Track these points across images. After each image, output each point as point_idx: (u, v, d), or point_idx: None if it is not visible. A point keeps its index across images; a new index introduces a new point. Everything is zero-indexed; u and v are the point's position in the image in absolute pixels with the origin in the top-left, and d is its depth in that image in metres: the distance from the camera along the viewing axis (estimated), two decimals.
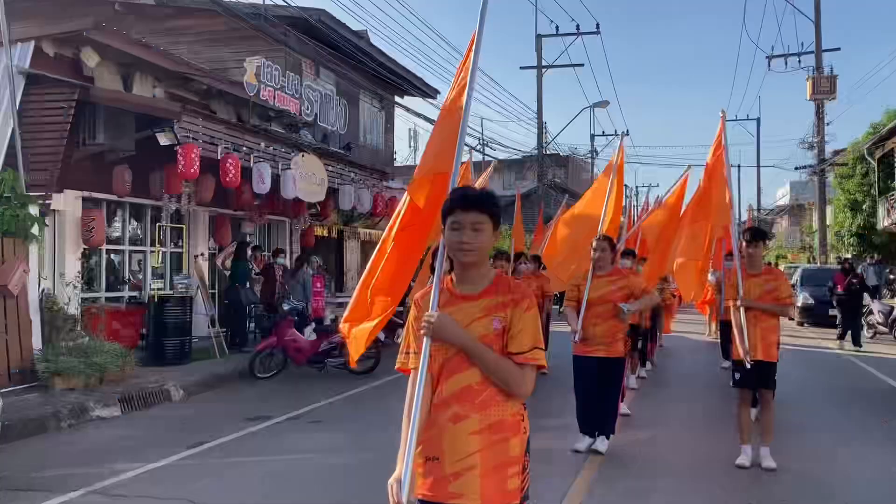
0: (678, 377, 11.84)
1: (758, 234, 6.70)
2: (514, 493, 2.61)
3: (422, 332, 2.66)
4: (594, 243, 7.02)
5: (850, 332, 15.95)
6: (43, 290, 10.65)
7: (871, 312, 18.67)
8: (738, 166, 61.43)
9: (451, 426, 2.60)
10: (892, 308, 17.73)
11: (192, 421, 8.50)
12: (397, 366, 2.83)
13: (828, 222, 31.79)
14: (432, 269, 7.47)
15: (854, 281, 15.95)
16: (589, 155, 44.56)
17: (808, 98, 29.19)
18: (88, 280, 12.62)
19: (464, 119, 3.24)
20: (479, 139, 31.02)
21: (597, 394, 6.89)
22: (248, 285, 14.10)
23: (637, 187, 62.19)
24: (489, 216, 2.67)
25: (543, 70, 30.96)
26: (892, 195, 25.10)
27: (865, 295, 19.45)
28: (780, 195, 62.78)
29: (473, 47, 3.35)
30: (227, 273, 14.07)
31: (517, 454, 2.63)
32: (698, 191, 8.79)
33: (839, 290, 16.09)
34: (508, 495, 2.60)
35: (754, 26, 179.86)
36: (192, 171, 11.46)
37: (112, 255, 13.75)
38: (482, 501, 2.56)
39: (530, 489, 2.73)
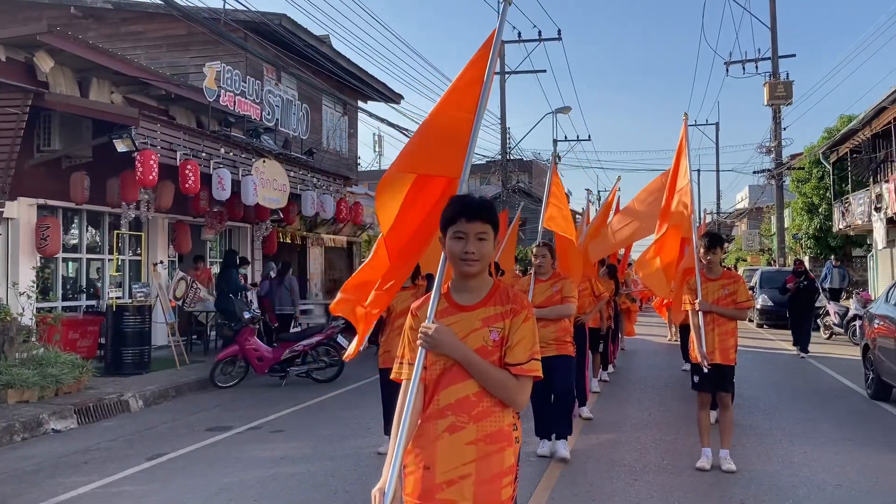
0: (639, 380, 11.94)
1: (716, 240, 6.79)
2: (506, 503, 2.60)
3: (418, 342, 2.62)
4: (534, 250, 7.15)
5: (799, 337, 15.39)
6: None
7: (827, 314, 19.06)
8: (698, 170, 62.40)
9: (446, 436, 2.58)
10: (848, 309, 18.09)
11: (151, 432, 8.36)
12: (392, 375, 2.79)
13: (786, 225, 32.39)
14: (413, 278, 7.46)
15: (804, 282, 15.35)
16: (552, 160, 44.80)
17: (766, 103, 29.72)
18: (44, 289, 12.35)
19: (476, 124, 3.17)
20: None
21: (549, 394, 6.93)
22: (239, 295, 13.93)
23: (599, 192, 62.69)
24: (492, 226, 2.66)
25: (506, 76, 31.09)
26: (847, 198, 25.66)
27: (822, 297, 19.85)
28: (739, 199, 63.88)
29: (491, 50, 3.25)
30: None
31: (511, 464, 2.62)
32: (664, 194, 8.85)
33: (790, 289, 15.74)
34: None
35: (713, 33, 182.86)
36: (151, 177, 11.29)
37: (69, 264, 13.49)
38: None
39: None
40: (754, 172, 35.76)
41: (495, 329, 2.61)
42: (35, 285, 11.45)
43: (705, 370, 6.39)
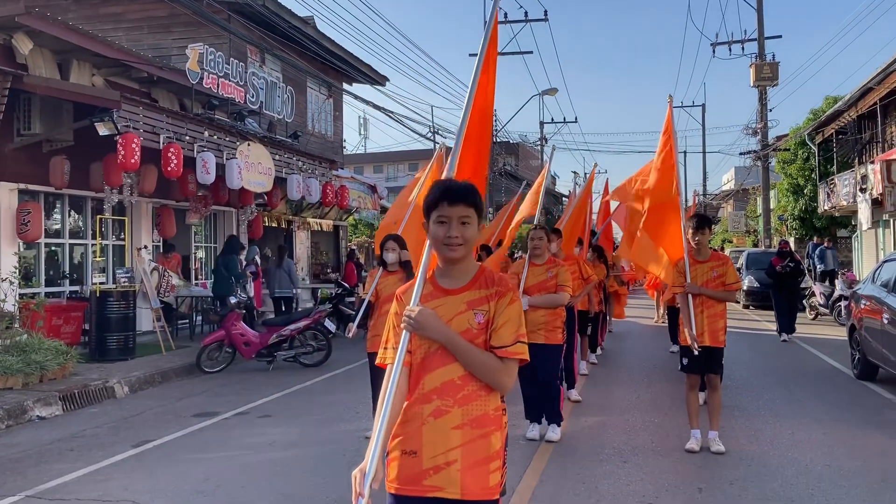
0: (628, 362, 11.97)
1: (704, 221, 6.77)
2: (494, 489, 2.57)
3: (402, 326, 2.60)
4: (530, 232, 7.10)
5: (784, 323, 14.75)
6: None
7: (812, 295, 19.18)
8: (685, 152, 62.62)
9: (432, 420, 2.54)
10: (833, 289, 18.20)
11: (137, 419, 8.29)
12: (378, 361, 2.76)
13: (771, 206, 32.52)
14: (381, 262, 7.40)
15: (789, 264, 15.00)
16: (538, 142, 44.76)
17: (752, 85, 29.74)
18: (26, 275, 12.20)
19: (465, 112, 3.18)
20: (429, 127, 30.92)
21: (539, 381, 6.92)
22: (238, 281, 13.84)
23: (585, 174, 62.75)
24: (475, 209, 2.63)
25: None
26: (832, 179, 25.75)
27: (808, 278, 19.96)
28: (726, 180, 64.11)
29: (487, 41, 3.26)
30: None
31: (498, 449, 2.59)
32: (651, 177, 8.82)
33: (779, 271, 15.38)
34: (489, 490, 2.55)
35: (699, 14, 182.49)
36: (133, 161, 11.13)
37: (52, 249, 13.33)
38: (463, 495, 2.51)
39: None
40: (740, 154, 35.92)
41: (480, 312, 2.59)
42: (17, 271, 11.30)
43: (695, 352, 6.39)
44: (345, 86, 23.32)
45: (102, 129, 11.00)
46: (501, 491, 2.62)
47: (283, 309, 15.91)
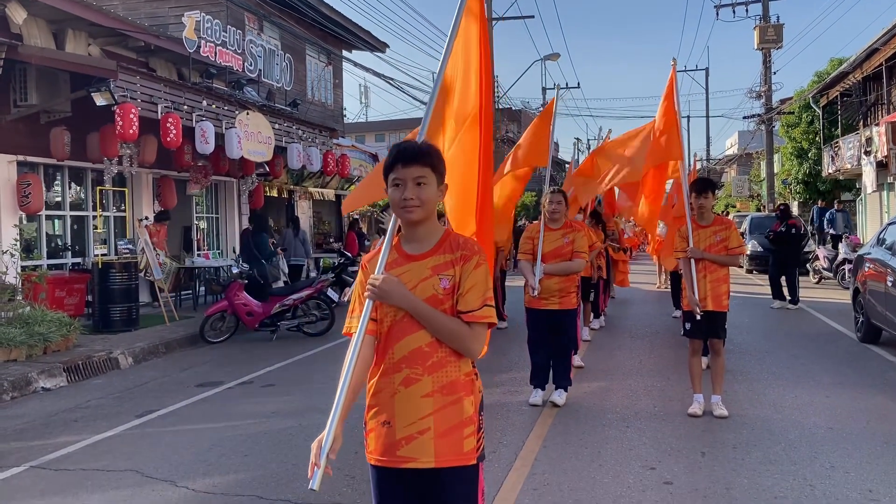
0: (630, 328, 11.96)
1: (707, 185, 6.70)
2: (469, 454, 2.55)
3: (366, 294, 2.56)
4: (548, 196, 6.99)
5: (787, 291, 14.08)
6: None
7: (816, 258, 19.13)
8: (688, 117, 62.19)
9: (402, 389, 2.53)
10: (837, 253, 18.14)
11: (141, 389, 8.32)
12: (344, 330, 2.72)
13: (775, 170, 32.33)
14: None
15: (792, 227, 14.25)
16: (541, 108, 44.45)
17: (756, 47, 29.42)
18: (28, 247, 12.19)
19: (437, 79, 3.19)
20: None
21: (550, 346, 6.92)
22: (270, 259, 13.85)
23: (588, 140, 62.47)
24: (432, 170, 2.56)
25: (493, 22, 30.57)
26: (836, 142, 25.56)
27: (811, 241, 19.88)
28: (729, 145, 63.72)
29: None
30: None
31: (471, 414, 2.56)
32: (648, 141, 8.75)
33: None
34: (464, 456, 2.54)
35: None
36: (131, 131, 11.05)
37: (53, 221, 13.30)
38: (437, 462, 2.50)
39: (486, 444, 2.67)
40: (744, 118, 35.55)
41: (445, 277, 2.55)
42: (18, 243, 11.28)
43: (698, 317, 6.36)
44: (344, 53, 23.08)
45: (100, 100, 10.91)
46: (480, 456, 2.61)
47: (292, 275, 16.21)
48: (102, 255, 11.77)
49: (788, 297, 14.06)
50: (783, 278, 14.15)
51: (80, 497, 4.91)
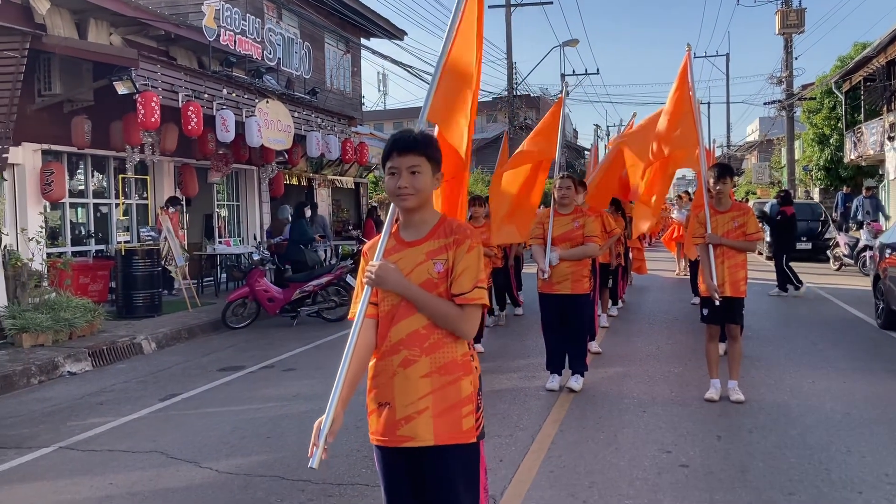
0: (648, 314, 11.97)
1: (725, 170, 6.69)
2: (469, 432, 2.63)
3: (364, 280, 2.68)
4: (558, 181, 7.03)
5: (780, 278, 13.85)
6: (5, 247, 10.43)
7: (836, 245, 18.98)
8: (708, 103, 61.62)
9: (401, 371, 2.61)
10: (858, 240, 17.98)
11: (164, 373, 8.47)
12: (349, 315, 2.82)
13: (796, 157, 32.02)
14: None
15: (783, 214, 14.09)
16: (561, 94, 44.16)
17: (777, 32, 29.08)
18: (52, 235, 12.38)
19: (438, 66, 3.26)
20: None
21: (564, 331, 6.96)
22: (309, 245, 13.98)
23: (608, 127, 62.10)
24: (427, 158, 2.64)
25: (512, 8, 30.45)
26: (859, 128, 25.27)
27: (832, 228, 19.70)
28: (750, 131, 63.09)
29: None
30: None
31: (469, 393, 2.64)
32: (656, 131, 8.69)
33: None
34: (463, 434, 2.62)
35: None
36: (153, 120, 11.18)
37: (77, 209, 13.49)
38: (436, 440, 2.58)
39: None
40: (765, 104, 35.26)
41: (439, 261, 2.63)
42: (43, 230, 11.47)
43: (716, 303, 6.37)
44: (362, 41, 23.12)
45: (121, 88, 11.03)
46: (480, 434, 2.68)
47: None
48: (125, 241, 11.93)
49: (791, 285, 13.77)
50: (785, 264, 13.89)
51: (107, 476, 5.04)
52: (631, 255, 13.97)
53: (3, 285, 9.86)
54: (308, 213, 17.23)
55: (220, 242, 16.34)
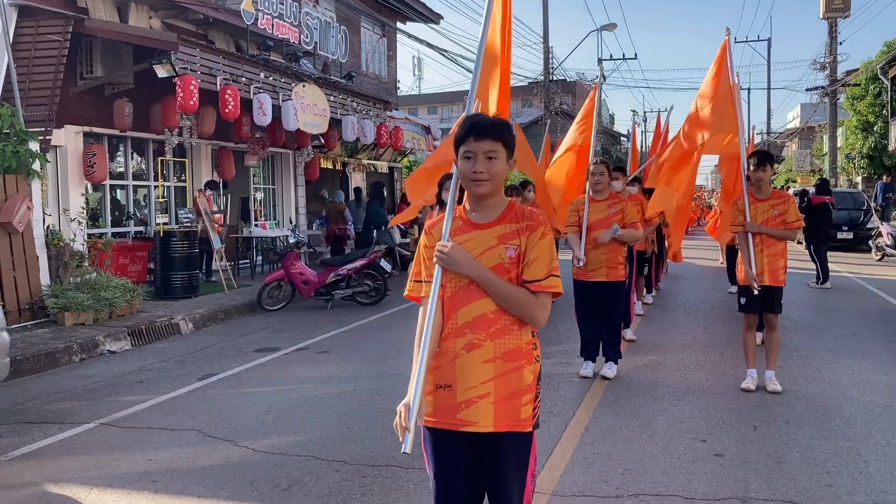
0: (684, 303, 11.85)
1: (765, 157, 6.57)
2: (526, 421, 2.61)
3: (434, 261, 2.62)
4: (592, 167, 6.98)
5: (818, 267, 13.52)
6: (48, 227, 10.66)
7: (879, 234, 18.59)
8: (748, 89, 60.53)
9: (464, 354, 2.58)
10: None
11: (201, 353, 8.60)
12: (406, 293, 2.79)
13: (839, 145, 31.37)
14: (439, 201, 7.47)
15: (829, 201, 13.79)
16: (597, 80, 43.72)
17: (821, 17, 28.46)
18: (93, 216, 12.61)
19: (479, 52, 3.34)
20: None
21: (598, 318, 6.93)
22: (381, 227, 14.13)
23: (645, 113, 61.35)
24: (503, 144, 2.59)
25: None
26: None
27: (874, 218, 19.28)
28: (791, 118, 61.88)
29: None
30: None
31: (530, 382, 2.61)
32: (690, 115, 8.54)
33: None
34: (522, 423, 2.60)
35: None
36: (192, 103, 11.29)
37: (116, 191, 13.72)
38: (496, 427, 2.56)
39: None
40: (807, 90, 34.56)
41: (511, 246, 2.59)
42: (85, 212, 11.68)
43: (755, 292, 6.29)
44: (398, 25, 23.08)
45: (161, 72, 11.16)
46: (535, 424, 2.66)
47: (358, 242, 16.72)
48: (164, 223, 12.11)
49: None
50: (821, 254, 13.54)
51: (146, 453, 5.15)
52: (667, 242, 13.82)
53: (46, 265, 10.07)
54: (364, 197, 17.47)
55: (256, 225, 16.52)
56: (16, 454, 5.20)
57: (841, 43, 29.19)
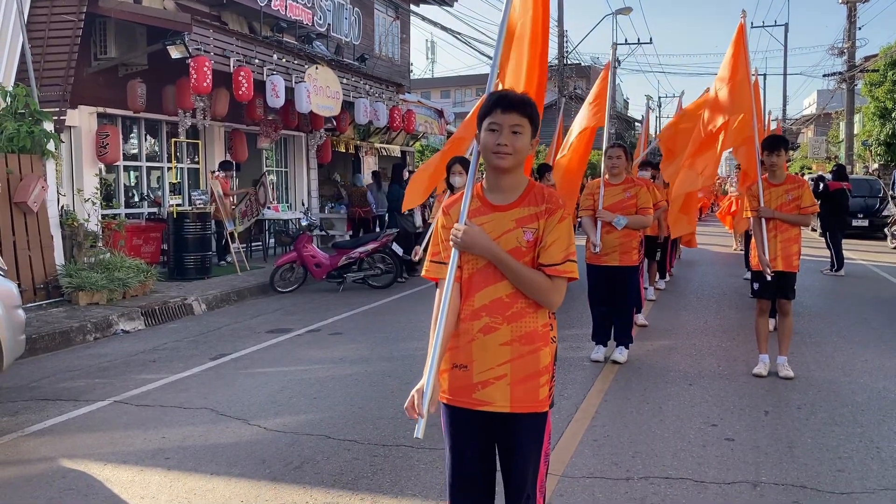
0: (696, 289, 11.81)
1: (779, 141, 6.51)
2: (543, 401, 2.62)
3: (451, 242, 2.60)
4: (608, 150, 6.94)
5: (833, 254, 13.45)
6: (62, 207, 10.71)
7: (895, 222, 18.44)
8: (764, 75, 59.95)
9: (481, 337, 2.58)
10: None
11: (214, 334, 8.65)
12: (424, 273, 2.78)
13: (855, 131, 31.06)
14: (448, 186, 7.46)
15: (846, 187, 13.60)
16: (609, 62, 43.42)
17: (840, 1, 28.08)
18: (107, 196, 12.67)
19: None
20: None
21: (611, 303, 6.92)
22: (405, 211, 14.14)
23: (659, 98, 60.92)
24: (529, 121, 2.57)
25: None
26: None
27: (891, 205, 19.12)
28: (807, 104, 61.29)
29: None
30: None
31: (547, 364, 2.62)
32: (707, 103, 8.48)
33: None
34: (539, 403, 2.61)
35: None
36: (205, 84, 11.30)
37: (130, 172, 13.77)
38: (512, 407, 2.57)
39: None
40: (824, 76, 34.22)
41: (529, 230, 2.57)
42: (99, 192, 11.74)
43: (768, 278, 6.26)
44: (412, 7, 22.97)
45: (175, 53, 11.17)
46: (551, 403, 2.67)
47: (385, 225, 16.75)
48: (177, 205, 12.16)
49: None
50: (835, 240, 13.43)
51: (159, 430, 5.19)
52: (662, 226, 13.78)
53: (61, 244, 10.14)
54: (382, 180, 17.44)
55: (268, 208, 16.55)
56: (32, 430, 5.26)
57: (860, 28, 28.87)
